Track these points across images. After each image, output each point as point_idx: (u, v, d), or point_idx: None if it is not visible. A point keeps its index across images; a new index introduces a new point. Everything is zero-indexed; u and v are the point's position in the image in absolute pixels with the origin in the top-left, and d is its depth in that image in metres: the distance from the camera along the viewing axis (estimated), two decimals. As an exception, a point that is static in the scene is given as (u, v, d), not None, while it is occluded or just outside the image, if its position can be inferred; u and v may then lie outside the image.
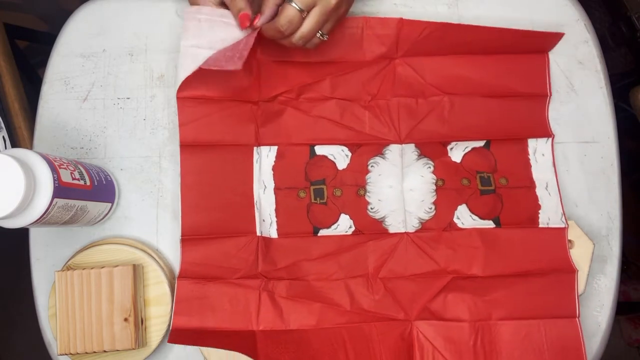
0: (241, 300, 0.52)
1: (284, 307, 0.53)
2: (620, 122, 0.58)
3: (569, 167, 0.57)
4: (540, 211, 0.55)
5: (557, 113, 0.58)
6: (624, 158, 0.57)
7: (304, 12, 0.46)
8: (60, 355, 0.50)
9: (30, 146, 0.64)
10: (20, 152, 0.44)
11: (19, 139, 0.70)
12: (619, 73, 0.91)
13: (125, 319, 0.50)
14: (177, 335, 0.50)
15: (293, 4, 0.45)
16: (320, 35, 0.49)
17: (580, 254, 0.53)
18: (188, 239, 0.53)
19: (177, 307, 0.52)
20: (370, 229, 0.55)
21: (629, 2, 0.86)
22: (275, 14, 0.48)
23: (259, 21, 0.49)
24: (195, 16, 0.51)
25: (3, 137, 0.68)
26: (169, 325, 0.52)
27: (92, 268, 0.51)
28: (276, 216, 0.54)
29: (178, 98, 0.54)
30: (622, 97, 0.79)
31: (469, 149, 0.56)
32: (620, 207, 0.56)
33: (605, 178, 0.56)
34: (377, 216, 0.55)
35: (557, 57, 0.58)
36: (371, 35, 0.55)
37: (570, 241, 0.54)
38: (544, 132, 0.56)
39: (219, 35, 0.51)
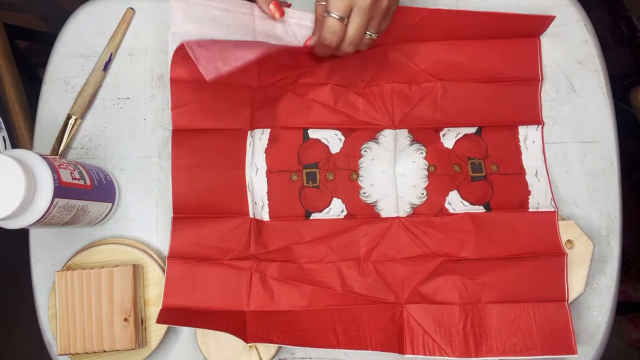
0: (232, 280, 0.53)
1: (275, 289, 0.53)
2: (620, 122, 0.58)
3: (569, 167, 0.57)
4: (530, 197, 0.55)
5: (556, 113, 0.58)
6: (624, 158, 0.57)
7: (344, 19, 0.46)
8: (60, 355, 0.50)
9: (30, 146, 0.64)
10: (20, 152, 0.44)
11: (19, 139, 0.71)
12: (619, 73, 0.91)
13: (125, 319, 0.50)
14: (167, 315, 0.50)
15: (332, 15, 0.46)
16: (370, 35, 0.49)
17: (580, 254, 0.53)
18: (179, 217, 0.54)
19: (167, 287, 0.52)
20: (363, 213, 0.55)
21: (629, 2, 0.86)
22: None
23: (310, 41, 0.49)
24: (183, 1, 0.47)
25: (3, 137, 0.68)
26: (168, 325, 0.52)
27: (92, 268, 0.51)
28: (268, 199, 0.54)
29: (171, 80, 0.54)
30: (622, 97, 0.79)
31: (460, 135, 0.56)
32: (620, 207, 0.56)
33: (605, 178, 0.56)
34: (370, 200, 0.55)
35: (557, 57, 0.58)
36: None
37: (570, 241, 0.54)
38: (535, 118, 0.57)
39: (218, 22, 0.47)
